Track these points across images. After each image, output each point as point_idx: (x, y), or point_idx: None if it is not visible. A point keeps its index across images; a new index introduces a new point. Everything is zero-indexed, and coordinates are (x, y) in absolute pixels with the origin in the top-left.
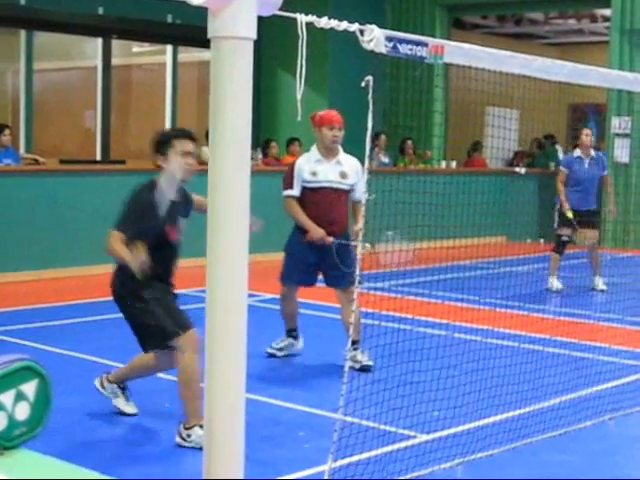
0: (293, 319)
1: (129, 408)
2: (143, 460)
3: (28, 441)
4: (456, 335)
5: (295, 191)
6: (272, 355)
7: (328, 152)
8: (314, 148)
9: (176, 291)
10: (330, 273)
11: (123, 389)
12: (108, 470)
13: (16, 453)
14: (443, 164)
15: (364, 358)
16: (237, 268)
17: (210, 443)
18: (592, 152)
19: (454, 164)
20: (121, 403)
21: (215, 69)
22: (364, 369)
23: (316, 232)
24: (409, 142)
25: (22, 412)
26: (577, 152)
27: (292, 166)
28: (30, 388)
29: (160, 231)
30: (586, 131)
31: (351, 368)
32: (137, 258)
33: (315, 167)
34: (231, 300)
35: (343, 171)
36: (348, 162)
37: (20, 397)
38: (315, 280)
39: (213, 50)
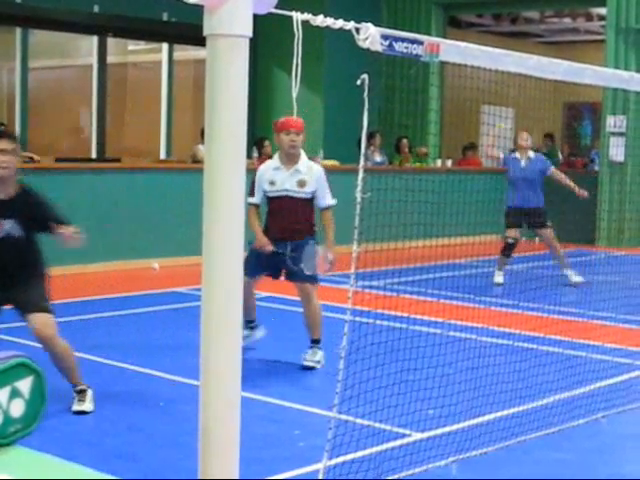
0: (251, 311)
1: None
2: (139, 457)
3: (23, 438)
4: (451, 333)
5: (256, 199)
6: None
7: (288, 158)
8: (276, 155)
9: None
10: (287, 269)
11: None
12: (103, 467)
13: (11, 450)
14: (439, 162)
15: (312, 357)
16: (233, 265)
17: (206, 442)
18: (530, 153)
19: (449, 163)
20: None
21: (211, 67)
22: (306, 367)
23: (259, 241)
24: (404, 140)
25: (17, 409)
26: (515, 153)
27: (254, 174)
28: (25, 385)
29: None
30: (523, 135)
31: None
32: None
33: (273, 176)
34: (227, 298)
35: (301, 179)
36: (308, 170)
37: (15, 394)
38: (277, 273)
39: (209, 48)
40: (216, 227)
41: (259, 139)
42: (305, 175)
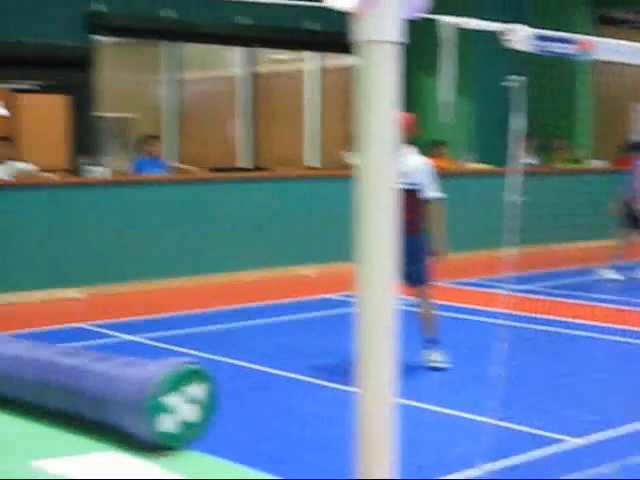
0: None
1: None
2: (295, 460)
3: (195, 442)
4: (608, 337)
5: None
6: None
7: None
8: None
9: None
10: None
11: None
12: (274, 469)
13: (184, 453)
14: (593, 163)
15: (436, 357)
16: (386, 271)
17: (363, 447)
18: None
19: (604, 163)
20: None
21: (361, 74)
22: (433, 368)
23: None
24: (558, 141)
25: (189, 414)
26: None
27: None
28: (199, 391)
29: None
30: None
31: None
32: None
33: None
34: (381, 303)
35: (405, 171)
36: (410, 161)
37: (189, 399)
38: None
39: (359, 54)
40: (367, 233)
41: None
42: (407, 166)
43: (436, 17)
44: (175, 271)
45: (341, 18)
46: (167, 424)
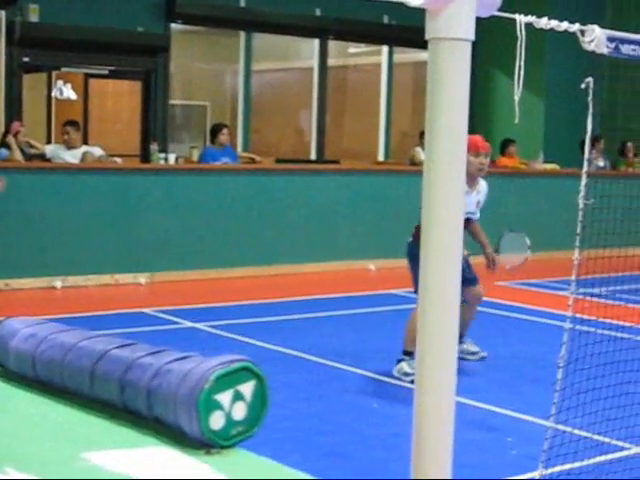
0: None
1: None
2: (349, 457)
3: (244, 441)
4: None
5: None
6: None
7: (471, 180)
8: None
9: None
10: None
11: None
12: (313, 466)
13: (233, 452)
14: None
15: (474, 348)
16: (450, 269)
17: (419, 445)
18: None
19: None
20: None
21: (432, 70)
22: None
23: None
24: (629, 144)
25: (239, 412)
26: None
27: None
28: (248, 389)
29: None
30: None
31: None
32: None
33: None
34: (443, 301)
35: (479, 200)
36: (484, 188)
37: (238, 397)
38: None
39: (431, 51)
40: (434, 230)
41: None
42: (480, 194)
43: (509, 16)
44: (238, 261)
45: (419, 13)
46: (219, 422)
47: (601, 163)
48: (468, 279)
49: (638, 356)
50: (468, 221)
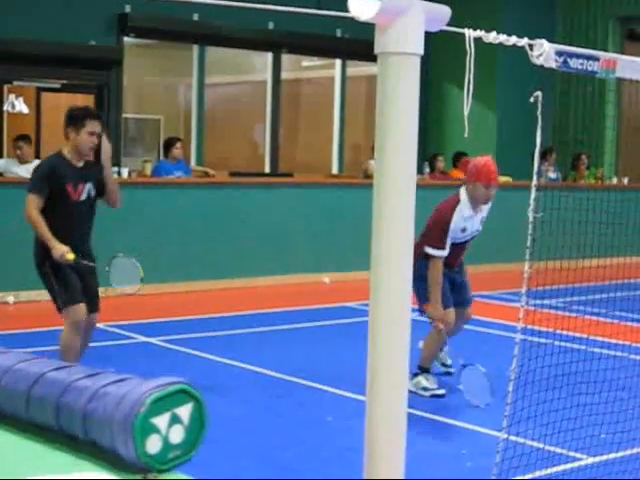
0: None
1: None
2: (306, 472)
3: (182, 464)
4: (630, 356)
5: (446, 252)
6: None
7: (476, 206)
8: (465, 198)
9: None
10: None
11: None
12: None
13: (170, 476)
14: (614, 180)
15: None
16: (401, 281)
17: (370, 458)
18: None
19: (626, 180)
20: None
21: (382, 84)
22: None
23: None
24: (582, 157)
25: (176, 435)
26: None
27: (446, 223)
28: (185, 411)
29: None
30: None
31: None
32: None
33: (465, 223)
34: (394, 314)
35: (483, 216)
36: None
37: (175, 420)
38: None
39: (380, 65)
40: (385, 243)
41: (432, 155)
42: (484, 211)
43: (457, 30)
44: (192, 275)
45: (372, 27)
46: (155, 446)
47: (553, 175)
48: (467, 299)
49: (590, 367)
50: (472, 239)
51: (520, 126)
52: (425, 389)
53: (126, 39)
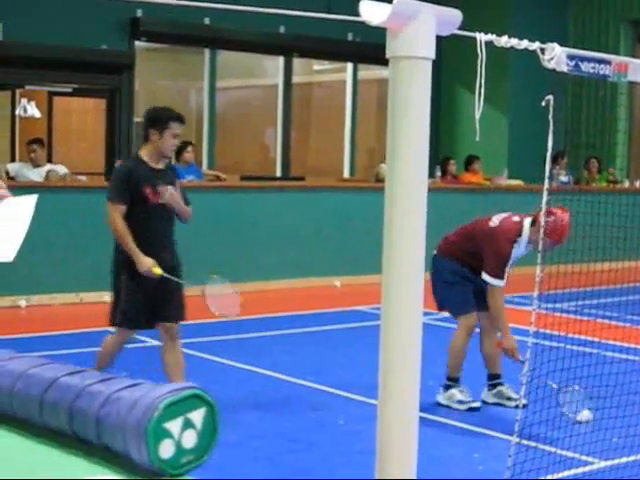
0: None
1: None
2: (317, 475)
3: (195, 469)
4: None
5: (505, 281)
6: None
7: (531, 247)
8: (525, 237)
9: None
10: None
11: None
12: None
13: None
14: (626, 183)
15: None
16: (413, 286)
17: (382, 462)
18: None
19: (638, 183)
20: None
21: (393, 89)
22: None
23: None
24: (593, 161)
25: (189, 440)
26: None
27: (506, 258)
28: (198, 416)
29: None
30: None
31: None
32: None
33: (517, 253)
34: (406, 317)
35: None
36: None
37: (188, 425)
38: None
39: (391, 70)
40: (396, 246)
41: (443, 159)
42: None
43: (469, 34)
44: (201, 279)
45: (383, 31)
46: (168, 450)
47: (564, 178)
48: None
49: (602, 371)
50: None
51: (532, 129)
52: (461, 402)
53: (137, 43)
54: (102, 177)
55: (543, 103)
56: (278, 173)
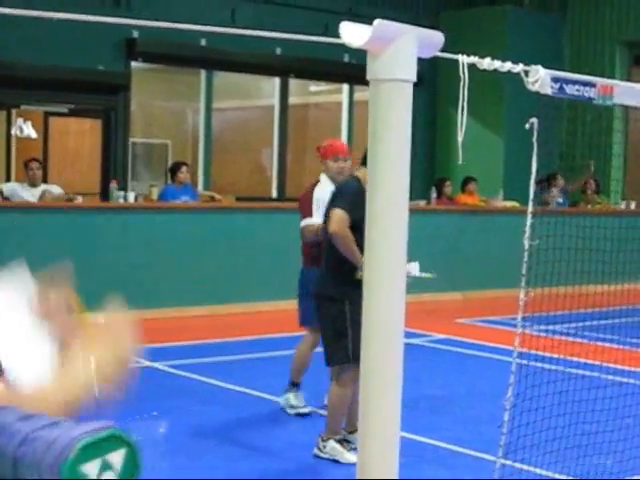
0: None
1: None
2: None
3: None
4: (629, 381)
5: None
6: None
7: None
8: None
9: None
10: None
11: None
12: None
13: None
14: (622, 205)
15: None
16: (394, 304)
17: (364, 457)
18: None
19: (633, 205)
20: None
21: (374, 111)
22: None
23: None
24: (590, 181)
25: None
26: None
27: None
28: (117, 457)
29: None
30: None
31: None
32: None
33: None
34: (386, 341)
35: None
36: None
37: (106, 467)
38: None
39: (372, 92)
40: (375, 268)
41: (439, 180)
42: None
43: (450, 56)
44: (195, 299)
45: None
46: None
47: (560, 199)
48: None
49: (596, 395)
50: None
51: (528, 151)
52: (292, 407)
53: (134, 64)
54: (98, 197)
55: (527, 126)
56: (274, 194)
